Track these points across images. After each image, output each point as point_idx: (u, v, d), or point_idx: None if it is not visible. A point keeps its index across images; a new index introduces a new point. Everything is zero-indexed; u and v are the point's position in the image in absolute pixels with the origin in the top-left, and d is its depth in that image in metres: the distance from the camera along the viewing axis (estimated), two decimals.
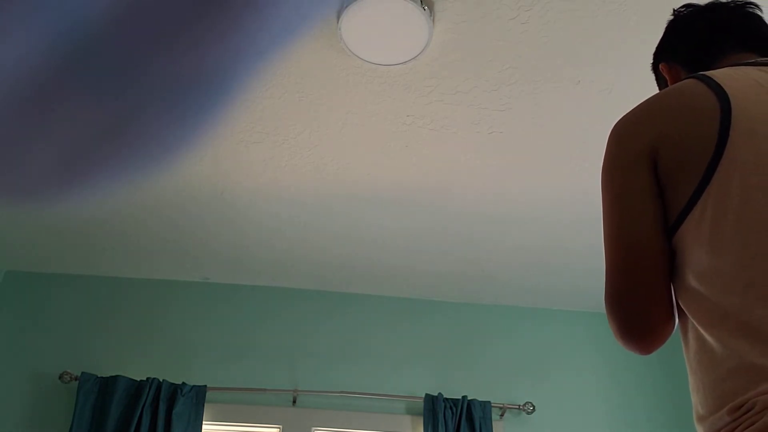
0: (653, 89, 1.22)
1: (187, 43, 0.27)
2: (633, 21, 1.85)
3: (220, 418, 2.90)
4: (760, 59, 1.01)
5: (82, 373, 2.83)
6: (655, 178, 0.91)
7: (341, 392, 2.98)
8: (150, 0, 0.25)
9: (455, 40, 1.92)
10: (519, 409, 3.05)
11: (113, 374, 2.84)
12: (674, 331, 0.93)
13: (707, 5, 1.14)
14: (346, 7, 1.79)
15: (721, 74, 0.94)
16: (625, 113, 1.01)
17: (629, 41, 1.91)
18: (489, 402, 2.98)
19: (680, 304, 0.89)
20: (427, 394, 2.97)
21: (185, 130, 0.30)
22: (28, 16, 0.24)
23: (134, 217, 2.72)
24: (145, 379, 2.84)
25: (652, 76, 1.26)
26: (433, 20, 1.84)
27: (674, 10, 1.19)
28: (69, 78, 0.26)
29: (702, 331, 0.83)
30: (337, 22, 1.84)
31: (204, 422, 2.83)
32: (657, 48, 1.22)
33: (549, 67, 2.00)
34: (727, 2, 1.13)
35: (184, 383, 2.85)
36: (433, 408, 2.92)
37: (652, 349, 0.92)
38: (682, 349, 0.91)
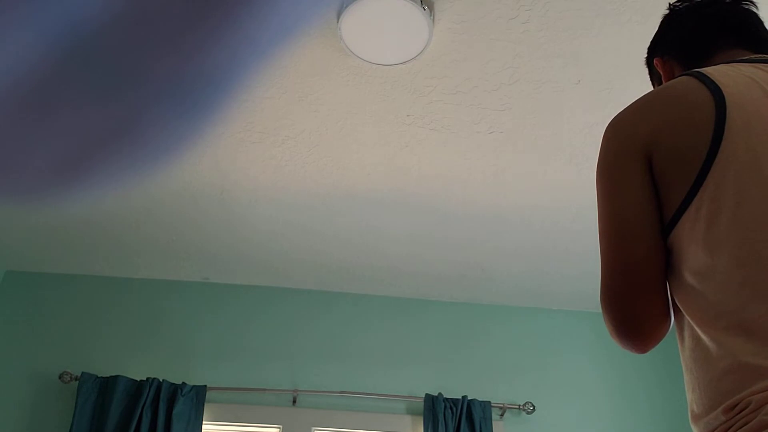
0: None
1: (187, 43, 0.27)
2: (633, 21, 1.85)
3: (220, 418, 2.90)
4: (755, 56, 1.00)
5: (82, 373, 2.83)
6: (650, 176, 0.91)
7: (341, 392, 2.98)
8: (150, 1, 0.25)
9: (455, 40, 1.92)
10: (519, 409, 3.05)
11: (113, 374, 2.84)
12: (671, 330, 0.93)
13: (703, 1, 1.14)
14: (346, 7, 1.79)
15: (716, 71, 0.93)
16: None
17: (629, 41, 1.91)
18: (489, 402, 2.98)
19: (676, 301, 0.89)
20: (427, 394, 2.97)
21: (185, 130, 0.30)
22: (28, 16, 0.24)
23: (134, 217, 2.72)
24: (145, 379, 2.84)
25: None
26: (433, 20, 1.84)
27: (670, 5, 1.19)
28: (69, 78, 0.26)
29: (698, 329, 0.83)
30: (337, 22, 1.84)
31: (204, 422, 2.83)
32: (651, 42, 1.21)
33: (549, 67, 2.00)
34: None
35: (184, 383, 2.85)
36: (433, 408, 2.92)
37: (648, 348, 0.91)
38: None
